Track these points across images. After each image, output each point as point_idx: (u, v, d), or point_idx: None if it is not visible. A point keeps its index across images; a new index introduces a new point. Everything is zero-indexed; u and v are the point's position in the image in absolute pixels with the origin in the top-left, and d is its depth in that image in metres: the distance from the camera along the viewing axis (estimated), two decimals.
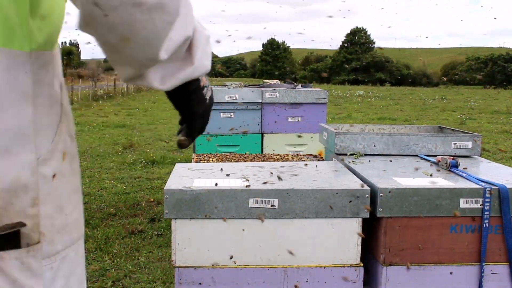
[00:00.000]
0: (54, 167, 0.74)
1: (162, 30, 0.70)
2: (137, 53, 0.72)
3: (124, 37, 0.69)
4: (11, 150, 0.67)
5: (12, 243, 0.69)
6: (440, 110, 15.58)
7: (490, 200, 1.42)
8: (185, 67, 0.79)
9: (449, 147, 1.96)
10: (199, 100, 0.87)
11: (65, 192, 0.78)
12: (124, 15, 0.66)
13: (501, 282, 1.47)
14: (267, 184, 1.47)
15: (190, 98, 0.86)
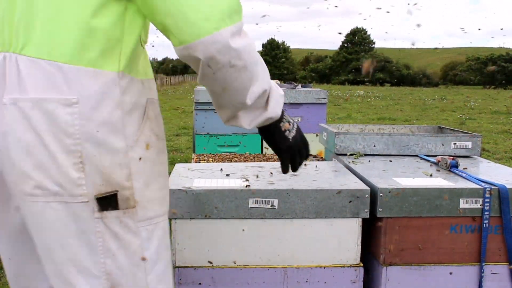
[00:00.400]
0: (139, 153, 0.98)
1: (247, 83, 1.00)
2: (232, 99, 1.02)
3: (224, 87, 0.99)
4: (108, 139, 0.93)
5: (112, 206, 0.94)
6: (440, 110, 15.58)
7: (490, 200, 1.42)
8: (262, 113, 1.07)
9: (449, 147, 1.96)
10: (281, 139, 1.14)
11: (151, 173, 1.00)
12: (224, 73, 0.96)
13: (501, 282, 1.47)
14: (267, 184, 1.47)
15: (273, 137, 1.14)
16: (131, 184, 0.96)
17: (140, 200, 0.97)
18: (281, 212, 1.42)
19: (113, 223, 0.95)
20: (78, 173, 0.91)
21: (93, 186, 0.92)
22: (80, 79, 0.90)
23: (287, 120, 1.14)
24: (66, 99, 0.90)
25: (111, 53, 0.93)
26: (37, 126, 0.90)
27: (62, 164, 0.91)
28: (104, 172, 0.93)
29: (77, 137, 0.90)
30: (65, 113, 0.90)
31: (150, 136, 1.00)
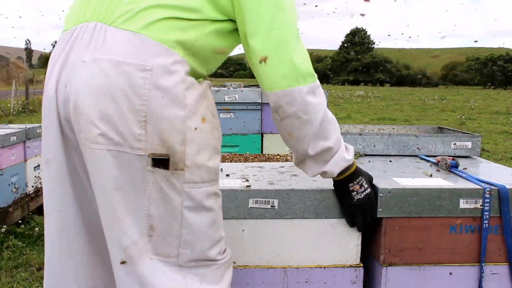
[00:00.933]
0: (196, 123, 1.10)
1: (310, 135, 1.22)
2: (296, 145, 1.26)
3: (289, 133, 1.24)
4: (170, 106, 1.06)
5: (164, 165, 1.08)
6: (440, 110, 15.58)
7: (490, 201, 1.42)
8: (322, 168, 1.29)
9: (449, 148, 1.96)
10: (345, 196, 1.36)
11: (204, 144, 1.12)
12: (290, 122, 1.21)
13: (501, 282, 1.47)
14: (267, 184, 1.47)
15: (339, 192, 1.39)
16: (184, 149, 1.08)
17: (189, 165, 1.10)
18: (281, 213, 1.42)
19: (161, 179, 1.08)
20: (140, 130, 1.06)
21: (151, 144, 1.06)
22: (157, 52, 1.07)
23: (359, 184, 1.34)
24: (142, 65, 1.05)
25: (184, 44, 1.10)
26: (112, 83, 1.05)
27: (127, 120, 1.05)
28: (162, 134, 1.06)
29: (145, 99, 1.05)
30: (139, 77, 1.05)
31: (207, 112, 1.15)
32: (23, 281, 2.73)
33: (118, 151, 1.06)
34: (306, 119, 1.18)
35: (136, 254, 1.12)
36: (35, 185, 3.95)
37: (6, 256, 3.02)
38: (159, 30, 1.08)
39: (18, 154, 3.64)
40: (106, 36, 1.08)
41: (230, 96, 3.65)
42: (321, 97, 1.21)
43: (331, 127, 1.23)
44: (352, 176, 1.32)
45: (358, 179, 1.33)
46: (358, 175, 1.33)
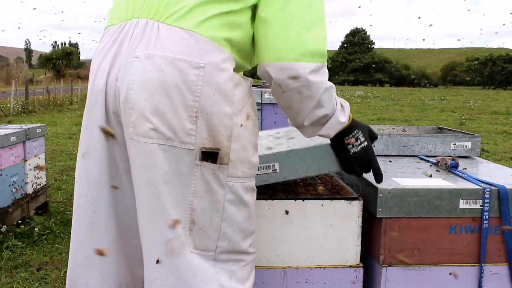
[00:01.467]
0: (241, 120, 1.16)
1: (309, 108, 1.22)
2: (295, 117, 1.25)
3: (289, 105, 1.23)
4: (220, 103, 1.11)
5: (212, 159, 1.12)
6: (440, 110, 15.59)
7: (490, 201, 1.42)
8: (318, 131, 1.29)
9: (449, 148, 1.96)
10: (341, 150, 1.35)
11: (248, 139, 1.18)
12: (291, 96, 1.19)
13: (501, 282, 1.47)
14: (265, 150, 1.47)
15: (335, 146, 1.37)
16: (229, 144, 1.14)
17: (233, 159, 1.15)
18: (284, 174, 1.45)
19: (208, 172, 1.13)
20: (191, 125, 1.10)
21: (200, 138, 1.11)
22: (208, 50, 1.11)
23: (355, 137, 1.32)
24: (196, 63, 1.09)
25: (231, 41, 1.15)
26: (167, 79, 1.08)
27: (180, 115, 1.09)
28: (211, 129, 1.11)
29: (197, 95, 1.09)
30: (192, 74, 1.09)
31: (250, 110, 1.20)
32: (23, 281, 2.73)
33: (168, 146, 1.09)
34: (307, 94, 1.18)
35: (177, 247, 1.14)
36: (34, 186, 3.95)
37: (6, 256, 3.02)
38: (211, 28, 1.12)
39: (18, 154, 3.64)
40: (159, 33, 1.11)
41: None
42: (325, 75, 1.20)
43: (327, 95, 1.22)
44: (347, 130, 1.31)
45: (353, 133, 1.32)
46: (353, 128, 1.32)
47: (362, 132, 1.33)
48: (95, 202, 1.20)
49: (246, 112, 1.18)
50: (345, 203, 1.42)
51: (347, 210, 1.43)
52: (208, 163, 1.12)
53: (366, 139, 1.34)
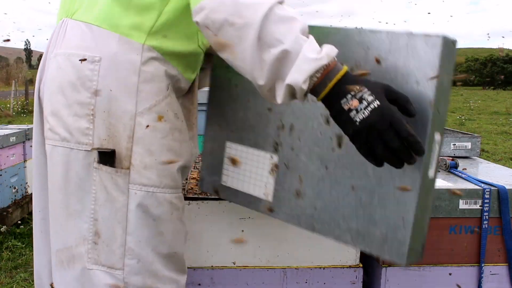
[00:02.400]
0: (148, 121, 1.02)
1: (253, 43, 0.86)
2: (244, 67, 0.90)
3: (230, 50, 0.90)
4: (118, 99, 1.00)
5: (109, 162, 1.01)
6: None
7: (490, 201, 1.42)
8: (284, 83, 0.87)
9: (448, 148, 1.96)
10: (344, 122, 0.85)
11: (158, 143, 1.03)
12: (226, 32, 0.89)
13: (500, 283, 1.47)
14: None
15: (336, 120, 0.87)
16: (130, 146, 1.02)
17: (136, 164, 1.02)
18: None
19: (106, 177, 1.02)
20: (88, 124, 1.01)
21: (98, 139, 1.01)
22: (105, 41, 1.01)
23: (356, 97, 0.83)
24: (90, 56, 1.01)
25: (141, 28, 1.01)
26: (63, 77, 1.02)
27: (75, 113, 1.01)
28: (109, 129, 1.01)
29: (93, 92, 1.00)
30: (87, 68, 1.00)
31: (167, 111, 1.05)
32: (23, 281, 2.73)
33: (64, 147, 1.02)
34: (242, 23, 0.87)
35: (65, 259, 1.06)
36: None
37: (6, 256, 3.02)
38: (110, 17, 1.02)
39: (18, 154, 3.64)
40: (66, 30, 1.06)
41: None
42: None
43: (283, 26, 0.87)
44: (341, 88, 0.85)
45: (352, 92, 0.84)
46: (351, 84, 0.85)
47: (369, 88, 0.84)
48: (41, 210, 1.16)
49: (157, 111, 1.03)
50: None
51: None
52: (106, 167, 1.01)
53: (378, 97, 0.83)
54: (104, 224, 1.03)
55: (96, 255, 1.04)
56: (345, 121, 0.85)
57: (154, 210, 1.04)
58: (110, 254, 1.03)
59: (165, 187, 1.05)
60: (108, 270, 1.04)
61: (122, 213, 1.03)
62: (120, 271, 1.04)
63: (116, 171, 1.02)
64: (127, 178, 1.02)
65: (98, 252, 1.04)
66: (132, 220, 1.03)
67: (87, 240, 1.04)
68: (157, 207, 1.04)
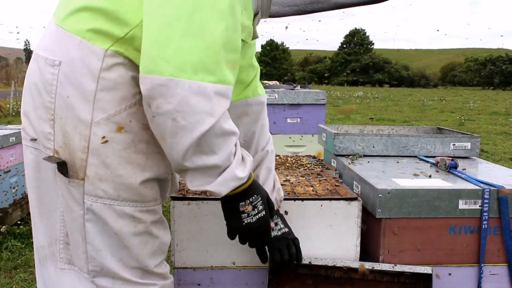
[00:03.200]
0: (105, 132, 0.97)
1: (186, 145, 0.92)
2: (170, 153, 0.95)
3: (161, 136, 0.94)
4: (75, 107, 0.97)
5: (63, 172, 0.99)
6: (439, 111, 15.58)
7: (489, 201, 1.42)
8: (204, 186, 0.98)
9: (448, 148, 1.96)
10: (234, 218, 1.06)
11: (116, 157, 0.99)
12: (164, 122, 0.91)
13: (500, 283, 1.47)
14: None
15: (224, 210, 1.07)
16: (85, 157, 0.98)
17: (91, 175, 0.99)
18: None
19: (62, 186, 1.02)
20: (50, 129, 1.00)
21: (57, 145, 1.00)
22: (67, 44, 0.97)
23: (252, 204, 1.05)
24: (51, 60, 0.99)
25: (106, 33, 0.96)
26: (31, 77, 1.03)
27: (40, 116, 1.01)
28: (65, 137, 0.98)
29: (53, 96, 0.98)
30: (48, 72, 0.99)
31: (131, 122, 0.99)
32: (22, 281, 2.72)
33: (34, 148, 1.03)
34: (183, 124, 0.90)
35: (42, 258, 1.09)
36: None
37: (5, 256, 3.02)
38: (77, 20, 0.98)
39: (17, 155, 3.63)
40: (44, 32, 1.07)
41: None
42: (216, 106, 0.92)
43: (220, 140, 0.95)
44: (245, 194, 1.03)
45: (251, 199, 1.04)
46: (252, 193, 1.04)
47: (262, 198, 1.06)
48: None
49: (117, 122, 0.98)
50: (345, 203, 1.42)
51: (346, 211, 1.42)
52: (62, 176, 1.00)
53: (265, 208, 1.07)
54: (69, 229, 1.04)
55: (69, 255, 1.06)
56: (236, 218, 1.05)
57: (113, 223, 1.01)
58: (77, 257, 1.05)
59: (124, 200, 1.02)
60: (80, 271, 1.06)
61: (79, 223, 1.02)
62: (87, 274, 1.05)
63: (69, 181, 1.00)
64: (82, 189, 1.00)
65: (70, 253, 1.06)
66: (90, 231, 1.02)
67: (59, 240, 1.05)
68: (116, 220, 1.02)
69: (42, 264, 1.10)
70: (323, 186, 1.59)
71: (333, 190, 1.53)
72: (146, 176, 1.03)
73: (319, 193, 1.50)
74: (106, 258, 1.03)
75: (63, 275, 1.06)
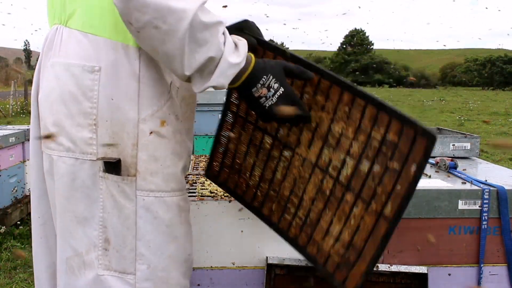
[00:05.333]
0: (151, 127, 1.02)
1: (177, 49, 0.92)
2: (169, 64, 0.97)
3: (152, 48, 0.96)
4: (120, 107, 1.00)
5: (115, 171, 1.01)
6: (439, 111, 15.59)
7: (489, 202, 1.42)
8: (206, 83, 0.97)
9: (448, 149, 1.96)
10: (255, 105, 1.02)
11: (163, 149, 1.04)
12: (149, 33, 0.91)
13: (500, 283, 1.47)
14: None
15: (248, 101, 1.04)
16: (136, 154, 1.02)
17: (142, 170, 1.03)
18: None
19: (112, 185, 1.03)
20: (91, 134, 1.01)
21: (102, 148, 1.01)
22: (103, 49, 1.00)
23: (265, 85, 1.00)
24: (90, 66, 1.00)
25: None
26: (64, 87, 1.02)
27: (78, 123, 1.01)
28: (113, 137, 1.01)
29: (95, 101, 1.00)
30: (87, 78, 1.00)
31: (169, 114, 1.05)
32: (22, 282, 2.73)
33: (69, 158, 1.02)
34: (165, 29, 0.91)
35: (76, 266, 1.07)
36: None
37: (5, 257, 3.02)
38: (106, 24, 1.01)
39: (17, 155, 3.63)
40: (62, 38, 1.05)
41: None
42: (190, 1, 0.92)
43: (206, 34, 0.93)
44: (252, 79, 1.00)
45: (262, 81, 0.99)
46: (260, 74, 0.99)
47: (273, 75, 1.00)
48: (41, 216, 1.16)
49: (160, 117, 1.03)
50: None
51: None
52: (112, 175, 1.02)
53: (282, 83, 1.00)
54: (113, 231, 1.04)
55: (107, 261, 1.05)
56: (256, 106, 1.02)
57: (165, 214, 1.05)
58: (121, 259, 1.04)
59: (172, 191, 1.06)
60: (120, 275, 1.05)
61: (131, 220, 1.04)
62: (132, 275, 1.05)
63: (123, 179, 1.02)
64: (134, 185, 1.03)
65: (109, 258, 1.05)
66: (142, 226, 1.04)
67: (97, 247, 1.05)
68: (167, 212, 1.05)
69: (76, 273, 1.07)
70: None
71: None
72: (182, 163, 1.09)
73: None
74: (155, 253, 1.05)
75: (103, 281, 1.05)
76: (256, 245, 1.43)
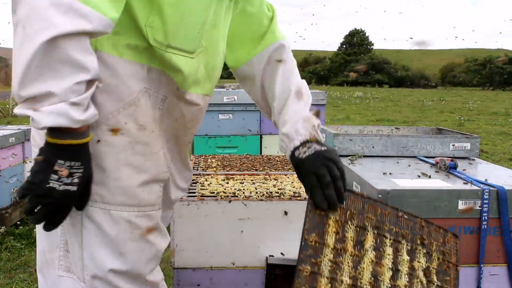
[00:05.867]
0: (100, 135, 0.95)
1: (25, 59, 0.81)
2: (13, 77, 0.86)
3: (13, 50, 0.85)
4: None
5: None
6: (439, 111, 15.59)
7: (489, 202, 1.42)
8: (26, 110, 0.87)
9: (448, 149, 1.96)
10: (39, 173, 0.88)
11: (111, 159, 0.96)
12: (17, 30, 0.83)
13: (499, 283, 1.47)
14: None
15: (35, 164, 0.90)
16: None
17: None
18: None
19: None
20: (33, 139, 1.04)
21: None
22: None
23: (71, 171, 0.89)
24: None
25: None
26: None
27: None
28: None
29: None
30: None
31: (127, 123, 0.97)
32: (21, 282, 2.72)
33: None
34: (27, 33, 0.82)
35: (43, 264, 1.09)
36: None
37: (5, 257, 3.01)
38: None
39: (17, 155, 3.63)
40: None
41: (229, 97, 3.65)
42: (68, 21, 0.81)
43: (65, 68, 0.83)
44: (69, 152, 0.88)
45: (73, 163, 0.88)
46: (78, 156, 0.89)
47: (84, 172, 0.91)
48: None
49: (112, 125, 0.95)
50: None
51: None
52: None
53: (81, 181, 0.91)
54: (68, 235, 1.03)
55: (68, 262, 1.05)
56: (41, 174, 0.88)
57: (110, 228, 0.98)
58: (75, 265, 1.03)
59: (121, 205, 0.99)
60: (77, 279, 1.03)
61: (77, 228, 1.00)
62: (83, 283, 1.02)
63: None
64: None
65: (70, 260, 1.04)
66: (86, 236, 0.99)
67: (59, 247, 1.05)
68: (112, 225, 0.98)
69: (43, 270, 1.10)
70: None
71: None
72: (143, 178, 1.01)
73: None
74: (99, 266, 0.99)
75: (61, 282, 1.05)
76: (256, 245, 1.43)
